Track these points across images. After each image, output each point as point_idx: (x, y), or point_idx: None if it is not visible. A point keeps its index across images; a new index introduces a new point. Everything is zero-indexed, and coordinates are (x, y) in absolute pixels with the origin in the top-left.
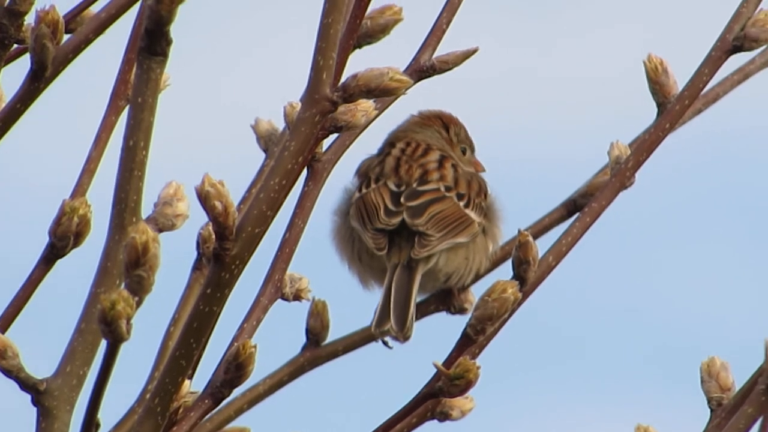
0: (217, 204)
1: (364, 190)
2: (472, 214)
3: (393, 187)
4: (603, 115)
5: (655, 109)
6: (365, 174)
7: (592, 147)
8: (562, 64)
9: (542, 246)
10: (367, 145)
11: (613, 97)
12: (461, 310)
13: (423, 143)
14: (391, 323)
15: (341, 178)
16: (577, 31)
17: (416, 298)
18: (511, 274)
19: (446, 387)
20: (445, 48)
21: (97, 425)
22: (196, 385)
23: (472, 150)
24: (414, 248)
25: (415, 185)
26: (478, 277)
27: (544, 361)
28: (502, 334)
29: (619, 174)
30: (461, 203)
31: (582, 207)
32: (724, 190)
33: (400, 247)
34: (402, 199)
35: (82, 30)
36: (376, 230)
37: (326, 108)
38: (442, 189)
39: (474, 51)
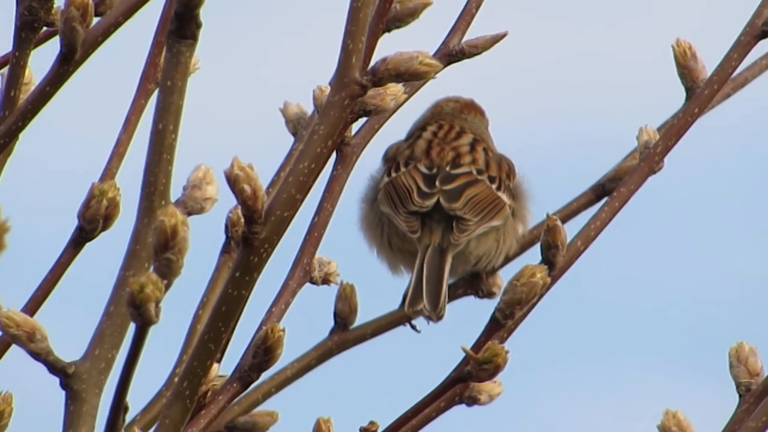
0: (246, 187)
1: (393, 174)
2: (504, 197)
3: (424, 170)
4: (632, 100)
5: (684, 94)
6: (393, 158)
7: (620, 131)
8: (591, 49)
9: (571, 230)
10: (396, 128)
11: (643, 82)
12: (489, 294)
13: (457, 125)
14: (425, 303)
15: (370, 161)
16: (606, 17)
17: (448, 278)
18: (539, 258)
19: (475, 371)
20: (474, 32)
21: (126, 408)
22: (224, 368)
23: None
24: (452, 233)
25: (447, 168)
26: (507, 260)
27: (571, 345)
28: (531, 318)
29: (648, 159)
30: (493, 186)
31: (610, 191)
32: (753, 174)
33: (431, 230)
34: (437, 183)
35: (112, 13)
36: (408, 213)
37: (355, 92)
38: (474, 172)
39: (503, 36)
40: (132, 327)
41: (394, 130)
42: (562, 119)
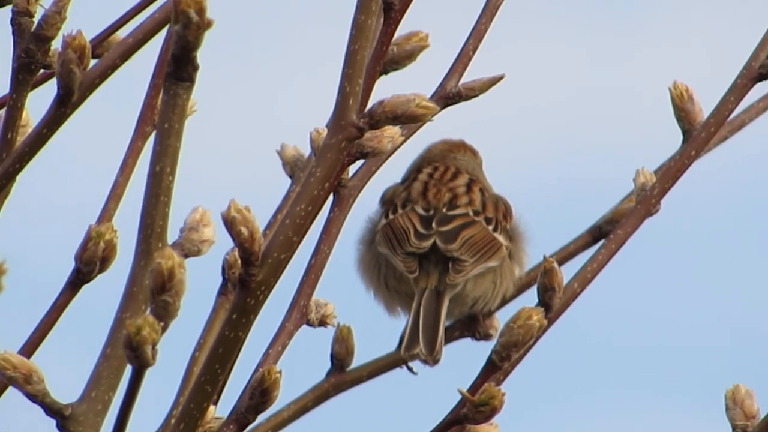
0: (243, 230)
1: (390, 216)
2: (500, 238)
3: (421, 212)
4: (630, 140)
5: (681, 136)
6: (390, 200)
7: (617, 173)
8: (590, 89)
9: (567, 272)
10: (393, 171)
11: (641, 122)
12: (486, 336)
13: (453, 167)
14: (421, 347)
15: (367, 204)
16: (603, 58)
17: (445, 322)
18: (536, 300)
19: (471, 413)
20: (471, 75)
21: None
22: (221, 410)
23: None
24: (449, 274)
25: (444, 210)
26: (504, 302)
27: (567, 387)
28: (527, 360)
29: (645, 201)
30: (490, 227)
31: (607, 234)
32: (750, 217)
33: (428, 272)
34: (434, 225)
35: (109, 55)
36: (406, 254)
37: (352, 134)
38: (471, 213)
39: (500, 78)
40: (129, 369)
41: (391, 172)
42: (558, 160)
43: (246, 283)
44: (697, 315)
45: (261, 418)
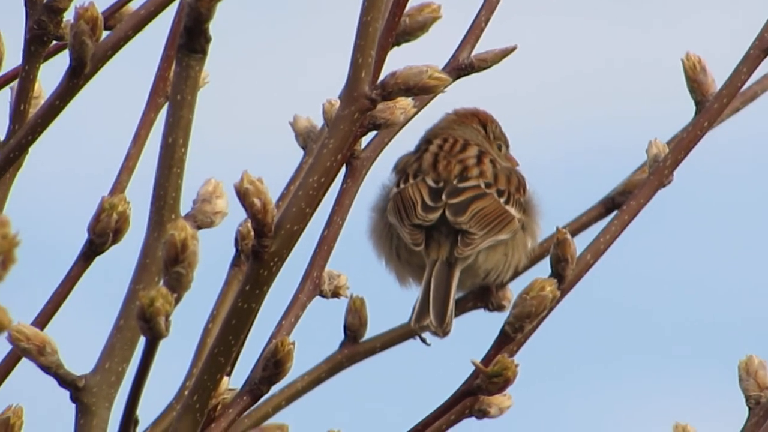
0: (256, 201)
1: (401, 186)
2: (512, 211)
3: (431, 183)
4: (641, 111)
5: (694, 107)
6: (403, 170)
7: (630, 144)
8: (603, 60)
9: (580, 244)
10: (405, 142)
11: (653, 93)
12: (499, 308)
13: (461, 139)
14: (431, 318)
15: (380, 175)
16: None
17: (455, 293)
18: (549, 271)
19: (484, 384)
20: (483, 46)
21: (136, 422)
22: (234, 382)
23: (507, 146)
24: (457, 247)
25: (455, 182)
26: (516, 273)
27: (580, 358)
28: (540, 332)
29: (657, 172)
30: (501, 200)
31: (620, 205)
32: (762, 188)
33: (439, 243)
34: (443, 197)
35: (121, 27)
36: (413, 226)
37: (365, 106)
38: (483, 185)
39: (513, 49)
40: (142, 340)
41: (404, 143)
42: (570, 132)
43: (259, 255)
44: (710, 286)
45: (274, 389)
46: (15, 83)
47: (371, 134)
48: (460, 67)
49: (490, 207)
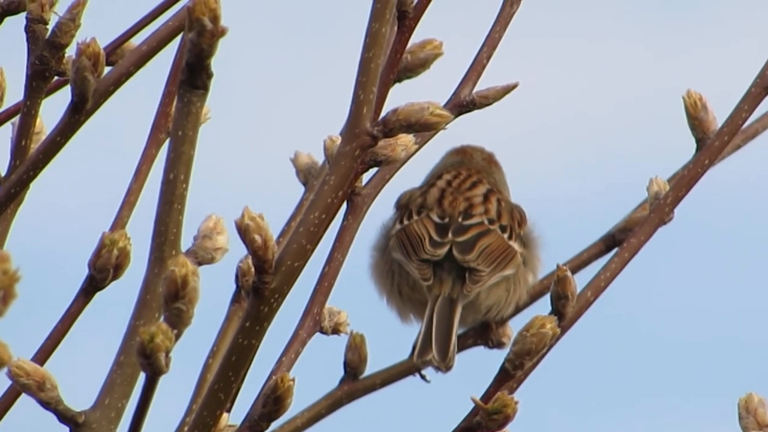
0: (257, 237)
1: (405, 222)
2: (515, 245)
3: (437, 219)
4: (641, 149)
5: (695, 145)
6: (406, 206)
7: (629, 181)
8: (600, 99)
9: (581, 281)
10: (406, 179)
11: (655, 133)
12: (499, 345)
13: (475, 175)
14: (434, 353)
15: (381, 212)
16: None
17: (458, 329)
18: (549, 308)
19: (484, 422)
20: (485, 83)
21: None
22: (234, 418)
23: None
24: (465, 284)
25: (460, 219)
26: (517, 309)
27: (580, 396)
28: (540, 369)
29: (658, 209)
30: (505, 235)
31: (621, 242)
32: (763, 225)
33: (441, 279)
34: (450, 234)
35: (123, 62)
36: (421, 261)
37: (366, 142)
38: (486, 222)
39: (514, 86)
40: (142, 376)
41: (405, 180)
42: (572, 169)
43: (259, 291)
44: (712, 324)
45: (274, 425)
46: (16, 118)
47: (372, 171)
48: (461, 104)
49: (495, 243)
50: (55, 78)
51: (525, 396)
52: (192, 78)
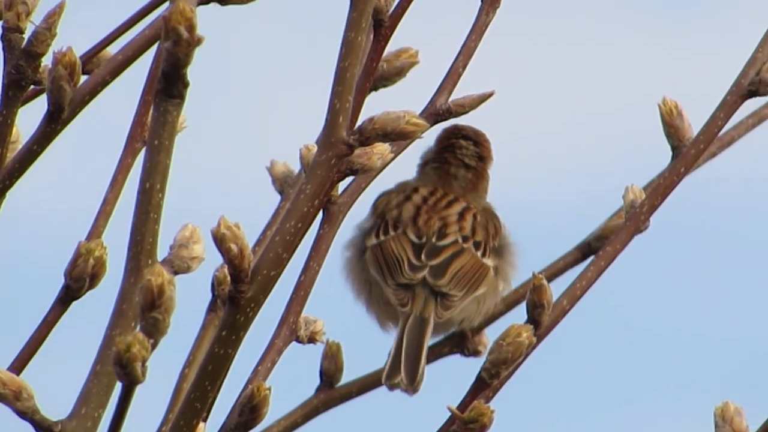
0: (233, 246)
1: (382, 237)
2: (488, 261)
3: (414, 238)
4: (617, 157)
5: (670, 152)
6: (382, 215)
7: (605, 189)
8: (575, 106)
9: (557, 289)
10: (382, 187)
11: (631, 138)
12: (475, 353)
13: (451, 194)
14: (402, 376)
15: (356, 220)
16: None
17: (427, 349)
18: (525, 317)
19: (461, 430)
20: (461, 91)
21: None
22: (210, 427)
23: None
24: (437, 309)
25: (434, 239)
26: (491, 318)
27: (556, 405)
28: (516, 378)
29: (634, 218)
30: (478, 252)
31: (596, 250)
32: (739, 234)
33: (414, 295)
34: (423, 257)
35: (99, 72)
36: (398, 285)
37: (342, 151)
38: (460, 240)
39: (490, 95)
40: (118, 386)
41: (381, 188)
42: (547, 177)
43: (235, 300)
44: (687, 332)
45: None
46: None
47: (348, 179)
48: (437, 113)
49: (468, 264)
50: (32, 87)
51: (501, 405)
52: (168, 87)
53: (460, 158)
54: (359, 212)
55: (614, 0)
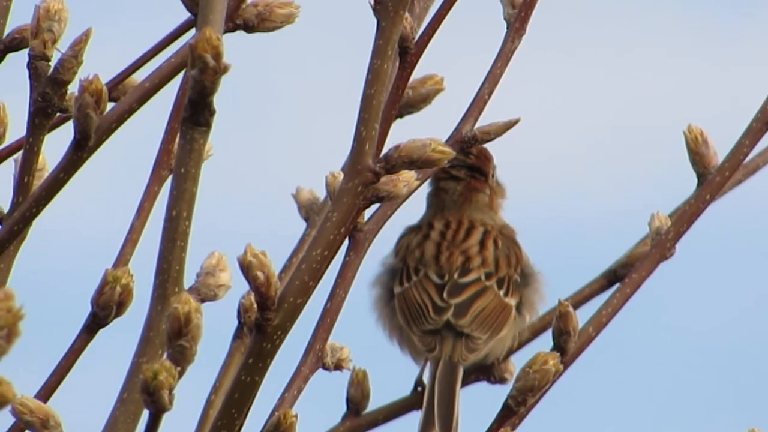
0: (260, 274)
1: (405, 284)
2: (510, 301)
3: (436, 279)
4: (644, 182)
5: (696, 180)
6: (404, 258)
7: (633, 216)
8: (603, 133)
9: (582, 316)
10: (408, 214)
11: (658, 167)
12: (501, 380)
13: (466, 221)
14: (436, 428)
15: (383, 248)
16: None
17: (459, 396)
18: (551, 344)
19: None
20: (486, 118)
21: None
22: None
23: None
24: (462, 352)
25: (456, 275)
26: (519, 345)
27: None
28: (543, 405)
29: (660, 245)
30: (501, 291)
31: (622, 277)
32: (765, 261)
33: (442, 338)
34: (445, 295)
35: (126, 99)
36: (423, 332)
37: (369, 179)
38: (483, 278)
39: (516, 122)
40: (145, 413)
41: (407, 215)
42: (573, 204)
43: (262, 328)
44: (714, 358)
45: None
46: (19, 155)
47: (374, 207)
48: (463, 140)
49: (490, 305)
50: (58, 114)
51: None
52: (194, 115)
53: (446, 171)
54: (386, 239)
55: (638, 28)
